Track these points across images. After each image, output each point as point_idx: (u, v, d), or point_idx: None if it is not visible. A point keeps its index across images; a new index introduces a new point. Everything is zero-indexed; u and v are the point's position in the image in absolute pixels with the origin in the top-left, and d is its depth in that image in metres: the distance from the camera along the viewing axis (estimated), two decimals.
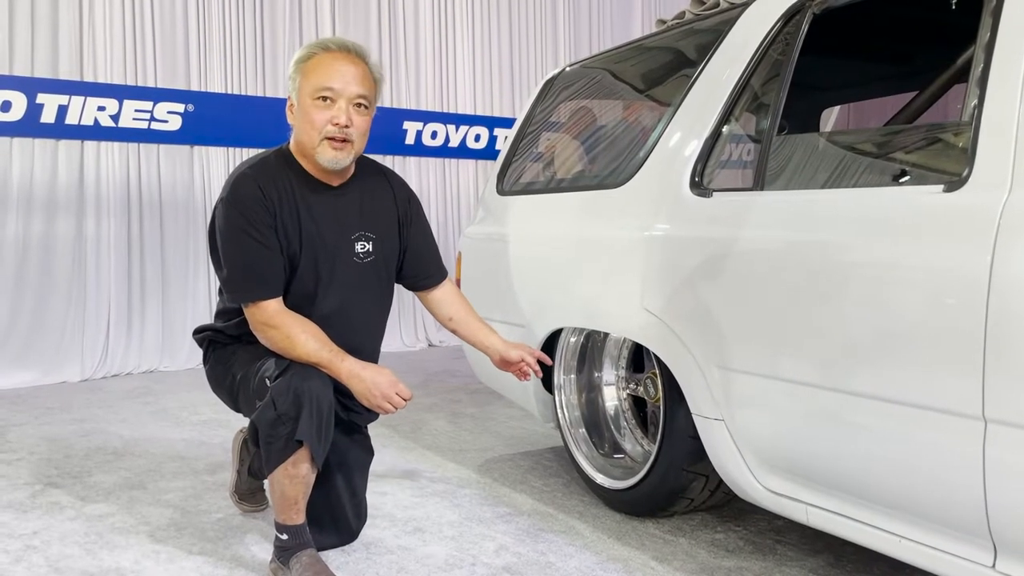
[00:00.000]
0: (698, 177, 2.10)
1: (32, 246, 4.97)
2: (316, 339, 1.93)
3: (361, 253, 2.08)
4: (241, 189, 1.96)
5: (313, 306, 2.02)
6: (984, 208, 1.44)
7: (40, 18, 4.93)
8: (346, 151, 1.97)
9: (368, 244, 2.08)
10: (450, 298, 2.28)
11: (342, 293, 2.06)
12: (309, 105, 1.95)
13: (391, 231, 2.16)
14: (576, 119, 2.97)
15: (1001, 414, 1.40)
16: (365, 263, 2.09)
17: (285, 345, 1.92)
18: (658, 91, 2.62)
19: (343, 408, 2.09)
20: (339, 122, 1.93)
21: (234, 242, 1.95)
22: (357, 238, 2.07)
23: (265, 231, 1.94)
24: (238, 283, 1.96)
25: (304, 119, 1.96)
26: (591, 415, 2.62)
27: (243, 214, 1.94)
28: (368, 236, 2.09)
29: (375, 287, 2.14)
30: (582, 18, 7.29)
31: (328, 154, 1.95)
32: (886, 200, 1.65)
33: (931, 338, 1.51)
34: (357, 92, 1.95)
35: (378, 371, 1.93)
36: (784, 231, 1.82)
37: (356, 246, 2.07)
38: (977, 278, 1.42)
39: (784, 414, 1.81)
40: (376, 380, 1.91)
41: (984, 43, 1.54)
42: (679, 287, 2.08)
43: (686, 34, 2.47)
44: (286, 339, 1.92)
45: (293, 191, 2.00)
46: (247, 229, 1.93)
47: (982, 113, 1.49)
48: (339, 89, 1.93)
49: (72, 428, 3.67)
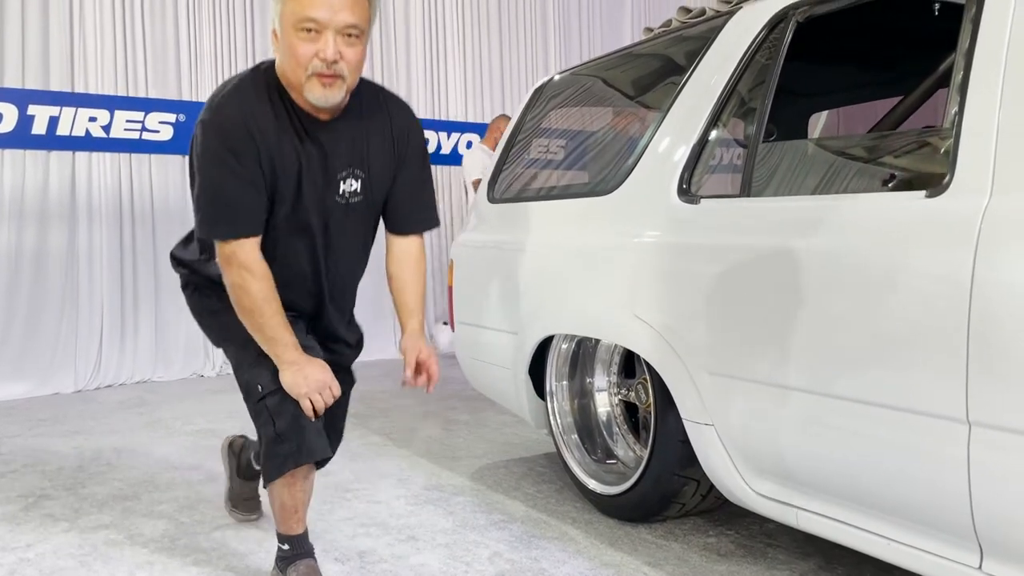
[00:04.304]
0: (686, 184, 2.12)
1: (24, 257, 4.97)
2: (283, 317, 1.82)
3: (347, 192, 1.90)
4: (225, 114, 1.77)
5: (293, 245, 1.90)
6: (965, 213, 1.46)
7: (31, 29, 4.94)
8: (336, 87, 1.75)
9: (356, 183, 1.91)
10: (404, 257, 2.06)
11: (325, 234, 1.92)
12: (292, 37, 1.72)
13: (384, 165, 1.95)
14: (565, 127, 2.99)
15: (985, 417, 1.42)
16: (351, 203, 1.92)
17: (248, 308, 1.80)
18: (646, 99, 2.65)
19: (327, 351, 2.01)
20: (326, 57, 1.71)
21: (212, 172, 1.78)
22: (345, 176, 1.89)
23: (248, 164, 1.77)
24: (212, 217, 1.80)
25: (288, 53, 1.74)
26: (583, 421, 2.64)
27: (224, 143, 1.76)
28: (357, 174, 1.91)
29: (360, 228, 1.99)
30: (572, 25, 7.31)
31: (317, 91, 1.75)
32: (870, 206, 1.67)
33: (915, 342, 1.52)
34: (346, 21, 1.71)
35: (320, 364, 1.85)
36: (770, 237, 1.84)
37: (343, 185, 1.89)
38: (959, 282, 1.44)
39: (773, 418, 1.82)
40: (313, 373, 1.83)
41: (964, 50, 1.56)
42: (668, 293, 2.09)
43: (673, 42, 2.49)
44: (251, 302, 1.79)
45: (281, 121, 1.81)
46: (227, 160, 1.76)
47: (962, 120, 1.52)
48: (325, 19, 1.70)
49: (65, 440, 3.66)
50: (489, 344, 2.86)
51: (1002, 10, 1.51)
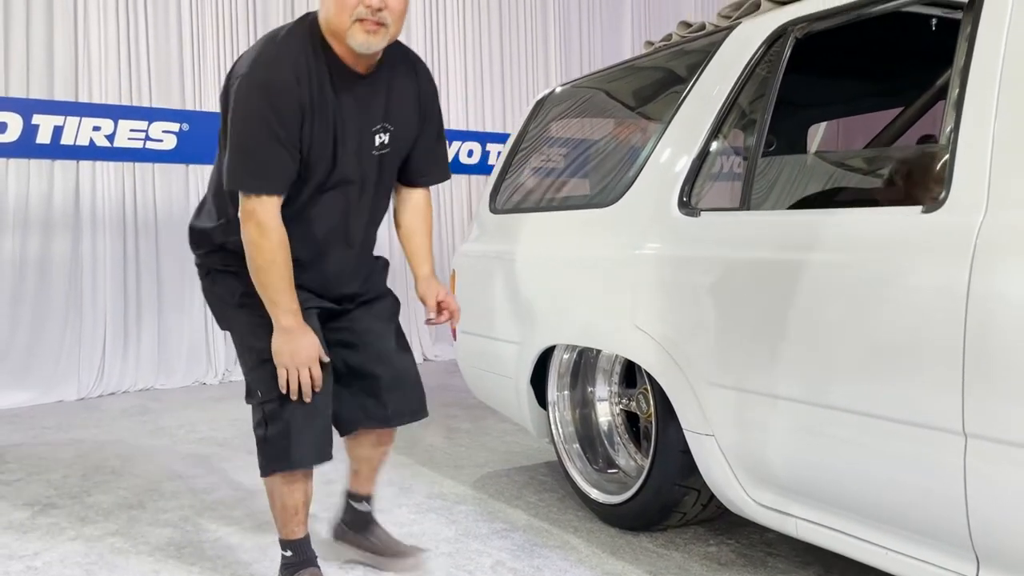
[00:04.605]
0: (686, 197, 2.15)
1: (29, 266, 5.00)
2: (291, 278, 1.83)
3: (378, 145, 1.96)
4: (274, 73, 1.78)
5: (334, 199, 1.94)
6: (961, 229, 1.49)
7: (35, 39, 4.97)
8: (380, 35, 1.78)
9: (385, 136, 1.96)
10: (416, 208, 2.15)
11: (360, 184, 1.96)
12: None
13: (410, 122, 2.02)
14: (566, 139, 3.02)
15: (981, 429, 1.44)
16: (382, 156, 1.98)
17: (259, 264, 1.81)
18: (646, 112, 2.68)
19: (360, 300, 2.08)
20: (372, 4, 1.73)
21: (252, 129, 1.79)
22: (378, 130, 1.95)
23: (289, 125, 1.79)
24: (243, 169, 1.81)
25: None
26: (585, 431, 2.66)
27: (270, 103, 1.77)
28: (387, 128, 1.96)
29: (386, 180, 2.05)
30: (572, 35, 7.35)
31: (360, 37, 1.76)
32: (867, 220, 1.70)
33: (912, 355, 1.55)
34: None
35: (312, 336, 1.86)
36: (769, 251, 1.86)
37: (376, 138, 1.95)
38: (955, 296, 1.47)
39: (772, 429, 1.85)
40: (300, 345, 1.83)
41: (959, 67, 1.59)
42: (669, 305, 2.12)
43: (674, 56, 2.52)
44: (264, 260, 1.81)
45: (323, 77, 1.83)
46: (269, 119, 1.77)
47: (958, 136, 1.54)
48: None
49: (70, 448, 3.69)
50: (491, 354, 2.88)
51: (997, 29, 1.54)
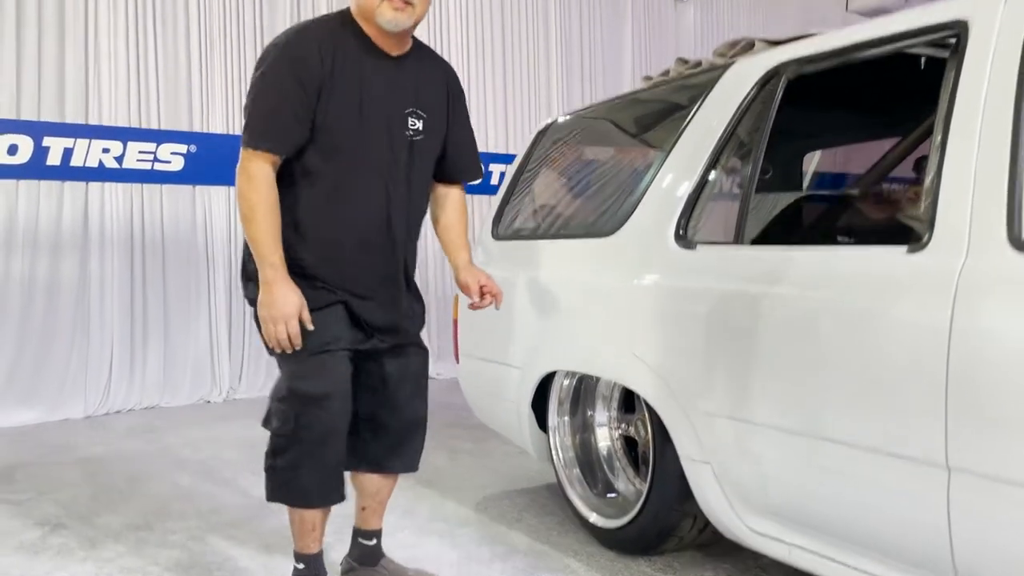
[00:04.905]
0: (683, 230, 2.22)
1: (37, 286, 5.06)
2: (274, 230, 1.86)
3: (412, 130, 2.01)
4: (296, 41, 1.89)
5: (369, 178, 1.96)
6: (943, 270, 1.56)
7: (47, 63, 5.06)
8: (407, 13, 1.88)
9: (419, 122, 2.02)
10: (451, 202, 2.21)
11: (395, 167, 1.99)
12: None
13: (440, 113, 2.09)
14: (567, 168, 3.09)
15: (963, 463, 1.51)
16: (416, 141, 2.02)
17: (245, 212, 1.87)
18: (645, 144, 2.75)
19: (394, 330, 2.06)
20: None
21: (264, 88, 1.88)
22: (410, 113, 2.00)
23: (303, 90, 1.86)
24: (252, 125, 1.88)
25: None
26: (585, 455, 2.72)
27: (291, 68, 1.86)
28: (419, 114, 2.02)
29: (421, 170, 2.07)
30: (573, 59, 7.44)
31: (388, 15, 1.87)
32: (855, 258, 1.76)
33: (897, 389, 1.61)
34: None
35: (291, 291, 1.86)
36: (761, 285, 1.93)
37: (409, 121, 2.00)
38: (939, 333, 1.54)
39: (765, 458, 1.91)
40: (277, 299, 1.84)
41: (943, 113, 1.66)
42: (666, 335, 2.18)
43: (671, 91, 2.59)
44: (248, 206, 1.85)
45: (350, 53, 1.92)
46: (283, 81, 1.86)
47: (941, 181, 1.61)
48: None
49: (78, 467, 3.74)
50: (492, 377, 2.94)
51: (979, 77, 1.61)
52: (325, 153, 1.92)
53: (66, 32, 5.08)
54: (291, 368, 1.96)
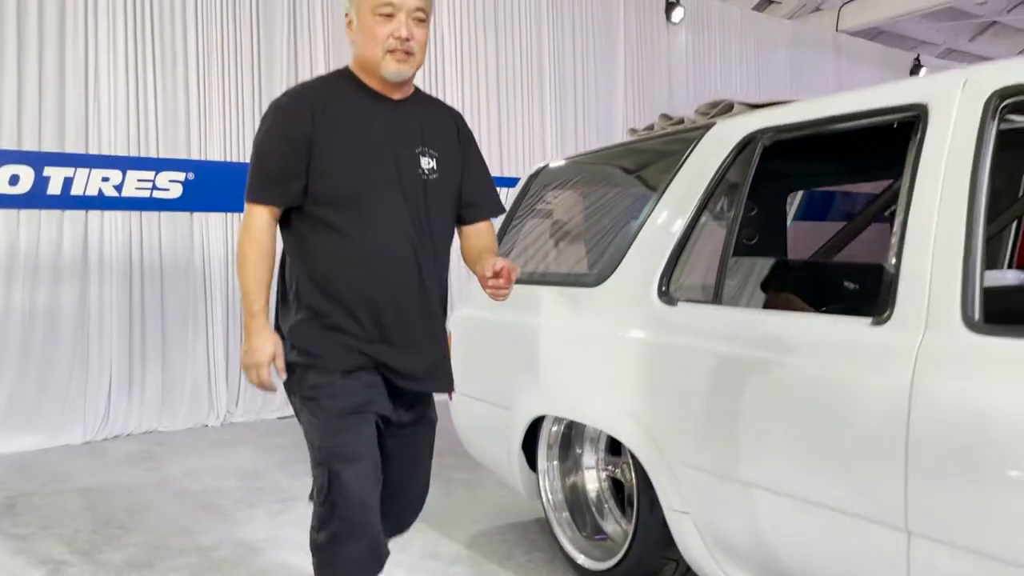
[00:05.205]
0: (665, 287, 2.31)
1: (38, 313, 5.14)
2: (260, 277, 1.92)
3: (426, 169, 2.02)
4: (289, 101, 1.99)
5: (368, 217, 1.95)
6: (904, 344, 1.66)
7: (47, 94, 5.14)
8: (409, 63, 1.97)
9: (432, 161, 2.03)
10: (481, 238, 2.17)
11: (403, 207, 1.98)
12: (370, 20, 1.94)
13: (452, 152, 2.10)
14: (557, 214, 3.19)
15: (922, 528, 1.60)
16: (431, 180, 2.02)
17: (238, 259, 1.94)
18: (632, 197, 2.84)
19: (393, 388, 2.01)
20: (400, 35, 1.93)
21: (261, 146, 1.98)
22: (422, 152, 2.02)
23: (294, 147, 1.92)
24: (249, 181, 1.96)
25: (366, 35, 1.96)
26: (574, 498, 2.81)
27: (281, 127, 1.95)
28: (431, 153, 2.04)
29: (442, 208, 2.06)
30: (567, 70, 7.55)
31: (392, 67, 1.95)
32: (824, 326, 1.86)
33: (861, 453, 1.71)
34: (416, 5, 1.95)
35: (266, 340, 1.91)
36: (735, 346, 2.03)
37: (421, 160, 2.02)
38: (899, 402, 1.64)
39: (739, 512, 2.00)
40: (253, 347, 1.90)
41: (905, 196, 1.76)
42: (649, 388, 2.28)
43: (657, 146, 2.69)
44: (241, 255, 1.93)
45: (350, 101, 1.99)
46: (277, 137, 1.94)
47: (902, 260, 1.71)
48: (399, 3, 1.93)
49: (79, 499, 3.82)
50: (484, 416, 3.04)
51: (935, 164, 1.71)
52: (335, 202, 1.95)
53: (66, 64, 5.18)
54: (321, 429, 1.96)
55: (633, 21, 8.04)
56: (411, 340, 2.00)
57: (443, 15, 6.78)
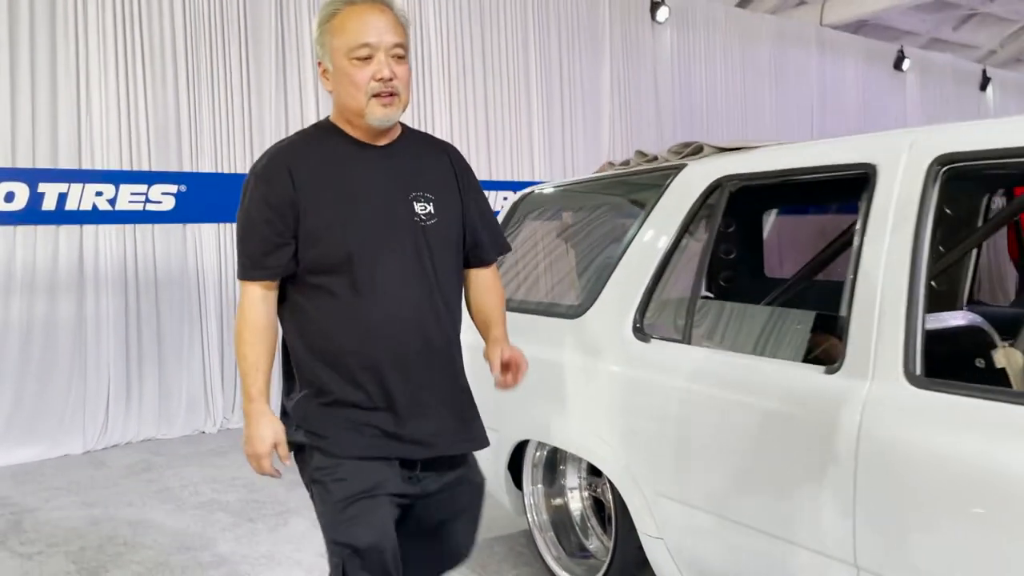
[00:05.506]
0: (639, 324, 2.45)
1: (36, 327, 5.25)
2: (254, 358, 1.81)
3: (422, 215, 1.87)
4: (267, 159, 1.85)
5: (367, 277, 1.82)
6: (852, 393, 1.80)
7: (40, 110, 5.22)
8: (395, 106, 1.82)
9: (428, 205, 1.88)
10: (485, 284, 2.08)
11: (403, 260, 1.85)
12: (347, 66, 1.79)
13: (449, 191, 1.95)
14: (541, 242, 3.31)
15: (868, 563, 1.75)
16: (429, 225, 1.87)
17: (235, 341, 1.84)
18: (610, 229, 2.97)
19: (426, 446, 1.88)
20: (383, 76, 1.78)
21: (244, 220, 1.85)
22: (415, 198, 1.87)
23: (277, 213, 1.80)
24: (239, 259, 1.86)
25: (345, 81, 1.81)
26: (558, 517, 2.95)
27: (262, 195, 1.81)
28: (426, 196, 1.89)
29: (445, 254, 1.92)
30: (553, 70, 7.65)
31: (378, 112, 1.80)
32: (782, 371, 2.00)
33: (813, 491, 1.85)
34: (393, 41, 1.80)
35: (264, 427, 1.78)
36: (702, 385, 2.17)
37: (415, 206, 1.87)
38: (848, 448, 1.77)
39: (706, 540, 2.15)
40: (252, 436, 1.78)
41: (855, 251, 1.89)
42: (624, 419, 2.42)
43: (637, 181, 2.81)
44: (237, 337, 1.83)
45: (332, 154, 1.85)
46: (258, 210, 1.81)
47: (852, 313, 1.85)
48: (375, 43, 1.78)
49: (82, 514, 3.95)
50: None
51: (881, 223, 1.84)
52: (328, 267, 1.82)
53: (58, 81, 5.25)
54: (328, 518, 1.83)
55: (618, 21, 8.13)
56: (421, 404, 1.86)
57: (429, 17, 6.86)
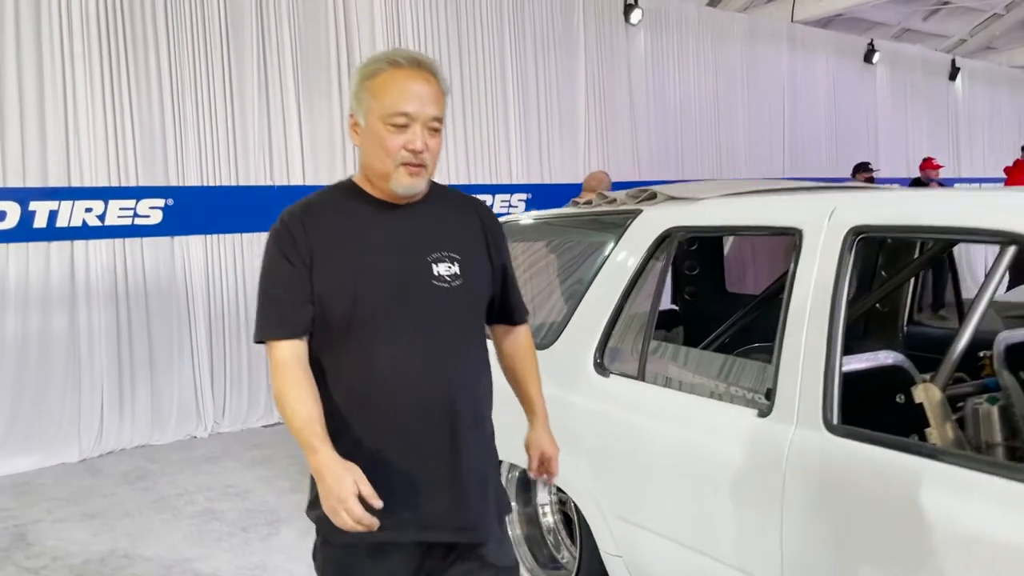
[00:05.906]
0: (599, 360, 2.68)
1: (31, 341, 5.43)
2: (305, 411, 1.67)
3: (447, 276, 1.79)
4: (284, 221, 1.79)
5: (383, 345, 1.75)
6: (780, 436, 2.04)
7: (29, 130, 5.36)
8: (422, 176, 1.77)
9: (454, 266, 1.80)
10: (521, 349, 2.07)
11: (423, 327, 1.77)
12: (381, 130, 1.74)
13: (479, 252, 1.87)
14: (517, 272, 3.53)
15: None
16: (454, 287, 1.79)
17: (278, 403, 1.72)
18: (577, 264, 3.19)
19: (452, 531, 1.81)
20: (415, 147, 1.73)
21: (265, 277, 1.80)
22: (438, 259, 1.80)
23: (295, 265, 1.74)
24: (261, 318, 1.78)
25: (376, 144, 1.76)
26: (532, 531, 3.19)
27: (279, 249, 1.76)
28: (452, 256, 1.81)
29: (468, 316, 1.85)
30: (529, 73, 7.83)
31: (405, 181, 1.75)
32: (722, 412, 2.25)
33: (747, 519, 2.10)
34: (433, 114, 1.75)
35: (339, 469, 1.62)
36: (651, 419, 2.42)
37: (438, 268, 1.79)
38: (775, 486, 2.02)
39: (658, 561, 2.40)
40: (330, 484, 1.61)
41: (784, 306, 2.13)
42: (587, 447, 2.66)
43: (604, 219, 3.02)
44: (279, 397, 1.71)
45: (350, 215, 1.80)
46: (277, 264, 1.76)
47: (780, 362, 2.09)
48: (414, 113, 1.73)
49: (83, 526, 4.17)
50: None
51: (805, 282, 2.08)
52: (333, 338, 1.76)
53: (45, 101, 5.39)
54: None
55: (592, 24, 8.30)
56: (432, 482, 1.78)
57: (407, 21, 7.01)
